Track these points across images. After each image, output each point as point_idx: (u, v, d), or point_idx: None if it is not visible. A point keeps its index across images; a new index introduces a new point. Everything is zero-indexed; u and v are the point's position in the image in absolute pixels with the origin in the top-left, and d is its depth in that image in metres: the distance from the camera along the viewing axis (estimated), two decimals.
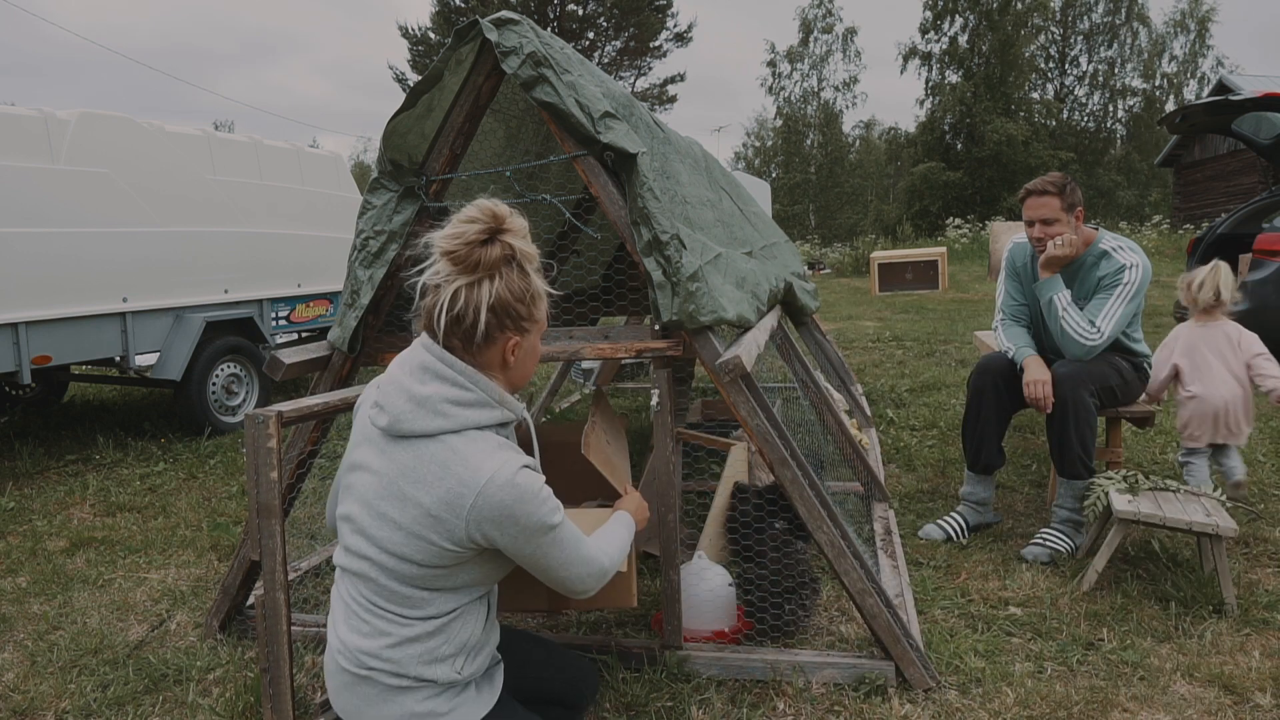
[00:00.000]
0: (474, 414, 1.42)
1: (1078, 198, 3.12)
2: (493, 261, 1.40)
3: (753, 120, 56.00)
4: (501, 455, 1.40)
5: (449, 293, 1.39)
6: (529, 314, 1.46)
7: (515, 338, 1.45)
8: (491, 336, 1.42)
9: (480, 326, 1.40)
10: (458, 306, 1.39)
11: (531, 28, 2.24)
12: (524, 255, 1.44)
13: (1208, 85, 31.87)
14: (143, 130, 5.40)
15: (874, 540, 3.16)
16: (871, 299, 13.44)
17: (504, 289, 1.40)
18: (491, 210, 1.41)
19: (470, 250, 1.39)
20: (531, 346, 1.51)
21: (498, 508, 1.37)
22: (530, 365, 1.54)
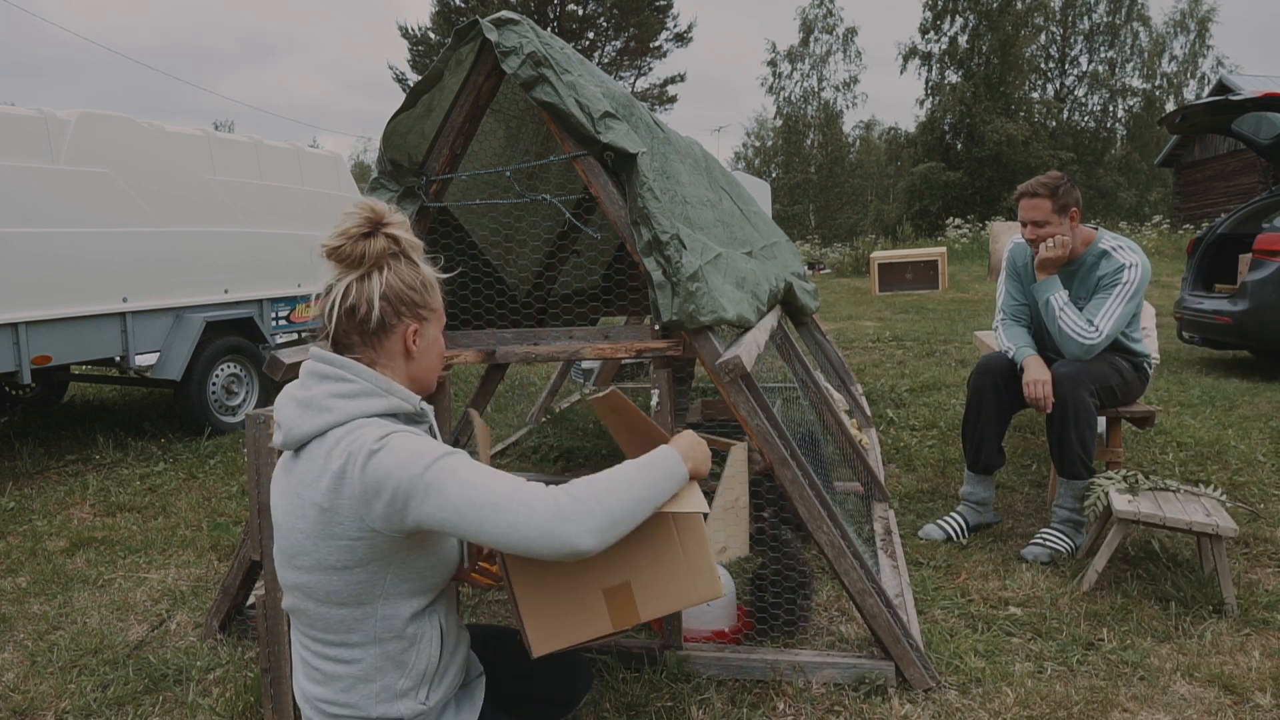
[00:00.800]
0: (359, 404, 1.37)
1: (1072, 198, 3.11)
2: (377, 253, 1.40)
3: (753, 120, 56.03)
4: (380, 425, 1.34)
5: (340, 288, 1.39)
6: (424, 301, 1.45)
7: (414, 324, 1.44)
8: (389, 325, 1.42)
9: (375, 315, 1.39)
10: (350, 299, 1.39)
11: (531, 28, 2.24)
12: (409, 245, 1.44)
13: (1208, 85, 31.88)
14: (143, 130, 5.40)
15: (874, 540, 3.16)
16: (871, 299, 13.44)
17: (394, 278, 1.41)
18: (370, 205, 1.41)
19: (354, 245, 1.39)
20: (433, 338, 1.49)
21: (376, 471, 1.28)
22: (435, 358, 1.51)
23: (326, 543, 1.32)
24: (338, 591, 1.34)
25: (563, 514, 1.26)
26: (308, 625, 1.40)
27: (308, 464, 1.35)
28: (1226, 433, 4.51)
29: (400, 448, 1.29)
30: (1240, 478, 3.81)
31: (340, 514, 1.30)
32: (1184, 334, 6.63)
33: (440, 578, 1.43)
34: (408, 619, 1.39)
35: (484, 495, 1.27)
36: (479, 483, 1.28)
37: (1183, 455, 4.20)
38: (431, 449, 1.30)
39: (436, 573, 1.42)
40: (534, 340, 2.42)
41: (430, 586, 1.42)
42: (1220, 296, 6.10)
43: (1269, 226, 6.00)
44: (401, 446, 1.29)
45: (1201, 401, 5.27)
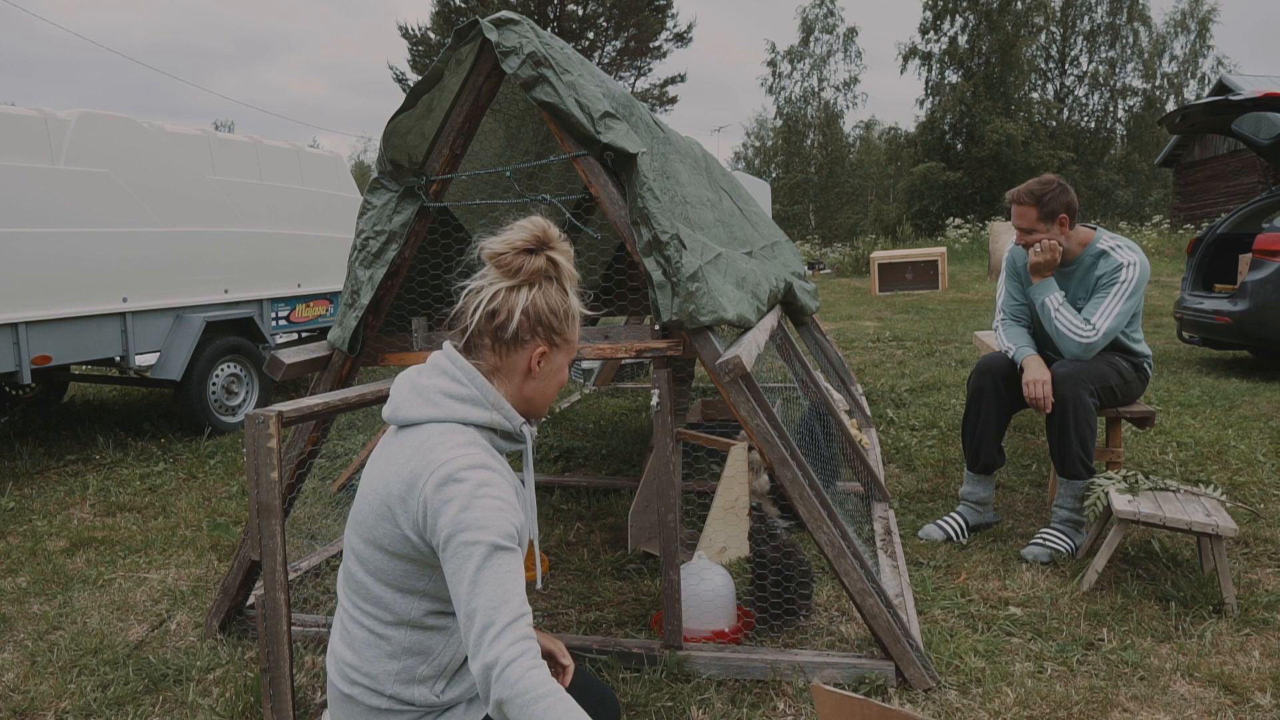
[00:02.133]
0: (463, 408, 1.43)
1: (1060, 204, 3.10)
2: (534, 270, 1.46)
3: (753, 120, 56.02)
4: (470, 450, 1.37)
5: (489, 292, 1.46)
6: (561, 329, 1.50)
7: (544, 347, 1.48)
8: (521, 339, 1.46)
9: (512, 326, 1.45)
10: (494, 304, 1.45)
11: (531, 28, 2.24)
12: (566, 274, 1.50)
13: (1208, 85, 31.88)
14: (143, 130, 5.40)
15: (874, 540, 3.16)
16: (871, 299, 13.44)
17: (541, 297, 1.46)
18: (543, 227, 1.47)
19: (515, 256, 1.45)
20: (558, 365, 1.53)
21: (441, 498, 1.31)
22: (553, 387, 1.55)
23: (384, 525, 1.38)
24: (385, 571, 1.40)
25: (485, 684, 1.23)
26: (353, 591, 1.45)
27: (399, 448, 1.41)
28: (1226, 433, 4.51)
29: (473, 500, 1.30)
30: (1240, 478, 3.81)
31: (408, 506, 1.35)
32: (1184, 334, 6.63)
33: None
34: (442, 613, 1.44)
35: (471, 604, 1.26)
36: (480, 589, 1.27)
37: (1183, 455, 4.20)
38: (491, 526, 1.29)
39: None
40: None
41: None
42: (1220, 296, 6.10)
43: (1269, 226, 6.00)
44: (476, 499, 1.31)
45: (1201, 401, 5.27)
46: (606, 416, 5.59)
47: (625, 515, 3.45)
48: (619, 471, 4.36)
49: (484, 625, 1.24)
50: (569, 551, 3.31)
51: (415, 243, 2.46)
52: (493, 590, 1.27)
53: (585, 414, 5.69)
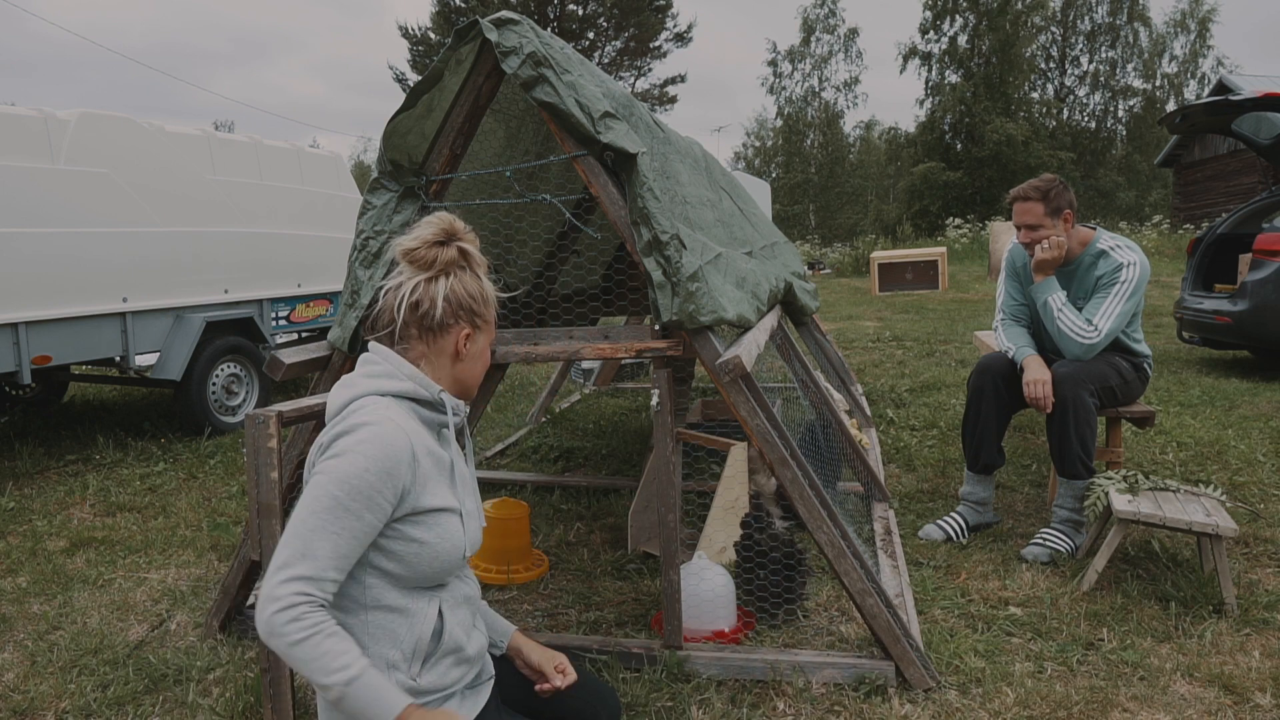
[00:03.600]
0: (378, 382, 1.50)
1: (1064, 201, 3.11)
2: (448, 261, 1.55)
3: (753, 120, 56.02)
4: (374, 410, 1.44)
5: (410, 285, 1.54)
6: (482, 311, 1.59)
7: (468, 329, 1.57)
8: (446, 325, 1.55)
9: (436, 313, 1.53)
10: (416, 295, 1.53)
11: (531, 28, 2.24)
12: (476, 260, 1.59)
13: (1208, 85, 31.87)
14: (143, 130, 5.40)
15: (874, 540, 3.16)
16: (871, 299, 13.44)
17: (458, 285, 1.55)
18: (449, 220, 1.56)
19: (428, 250, 1.53)
20: (481, 347, 1.62)
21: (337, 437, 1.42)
22: (479, 367, 1.64)
23: None
24: None
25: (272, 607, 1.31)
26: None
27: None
28: (1226, 433, 4.51)
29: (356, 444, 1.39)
30: (1240, 478, 3.81)
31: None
32: (1184, 334, 6.63)
33: (431, 569, 1.46)
34: (400, 594, 1.46)
35: (292, 527, 1.37)
36: (303, 514, 1.37)
37: (1183, 455, 4.20)
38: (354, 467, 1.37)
39: (424, 562, 1.45)
40: (534, 340, 2.42)
41: (421, 576, 1.46)
42: (1220, 296, 6.10)
43: (1269, 226, 6.00)
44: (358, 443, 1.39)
45: (1201, 401, 5.27)
46: (606, 416, 5.59)
47: (625, 515, 3.45)
48: (619, 471, 4.36)
49: (277, 564, 1.35)
50: (569, 551, 3.31)
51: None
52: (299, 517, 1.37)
53: (585, 414, 5.69)
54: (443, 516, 1.48)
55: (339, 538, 1.36)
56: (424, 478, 1.46)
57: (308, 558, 1.34)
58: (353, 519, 1.37)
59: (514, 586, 3.01)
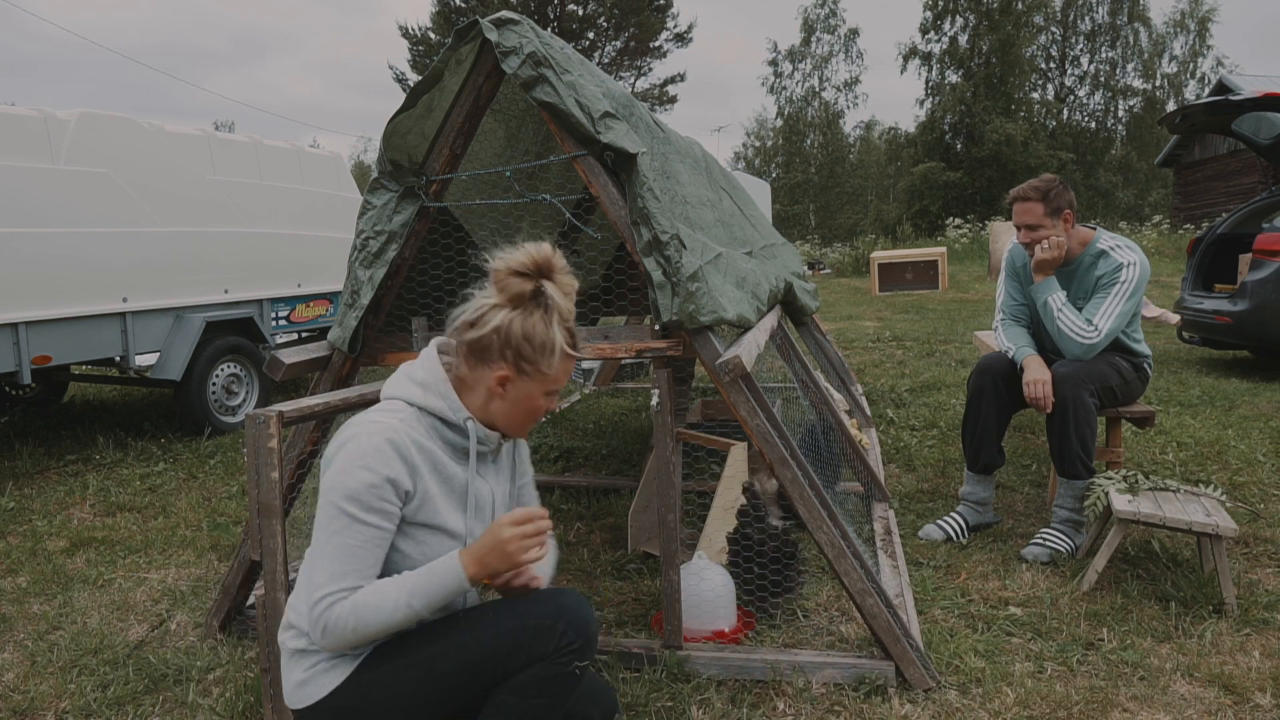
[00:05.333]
0: (411, 387, 1.51)
1: (1064, 201, 3.11)
2: (519, 294, 1.47)
3: (753, 120, 56.00)
4: (383, 417, 1.46)
5: (475, 303, 1.51)
6: (533, 359, 1.48)
7: (507, 372, 1.49)
8: (488, 357, 1.49)
9: (481, 341, 1.48)
10: (474, 315, 1.50)
11: (531, 28, 2.24)
12: (556, 307, 1.49)
13: (1208, 85, 31.86)
14: (143, 130, 5.40)
15: (874, 540, 3.16)
16: (871, 299, 13.44)
17: (520, 321, 1.47)
18: (547, 256, 1.48)
19: (506, 276, 1.47)
20: (525, 394, 1.52)
21: (337, 446, 1.44)
22: (520, 412, 1.54)
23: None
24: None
25: (318, 629, 1.40)
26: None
27: None
28: (1226, 433, 4.51)
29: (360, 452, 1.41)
30: (1240, 478, 3.81)
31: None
32: (1184, 334, 6.63)
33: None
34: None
35: (310, 549, 1.44)
36: (317, 540, 1.42)
37: (1183, 455, 4.20)
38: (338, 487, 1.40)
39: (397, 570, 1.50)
40: None
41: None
42: (1220, 296, 6.10)
43: (1269, 226, 6.00)
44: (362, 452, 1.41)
45: (1201, 401, 5.27)
46: (606, 416, 5.59)
47: (625, 515, 3.45)
48: (619, 471, 4.36)
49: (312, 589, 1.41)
50: (569, 551, 3.31)
51: (415, 243, 2.46)
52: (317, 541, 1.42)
53: (585, 414, 5.69)
54: (433, 536, 1.48)
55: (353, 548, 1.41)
56: (424, 493, 1.46)
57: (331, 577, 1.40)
58: (363, 527, 1.41)
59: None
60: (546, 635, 1.47)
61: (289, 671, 1.51)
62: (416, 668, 1.45)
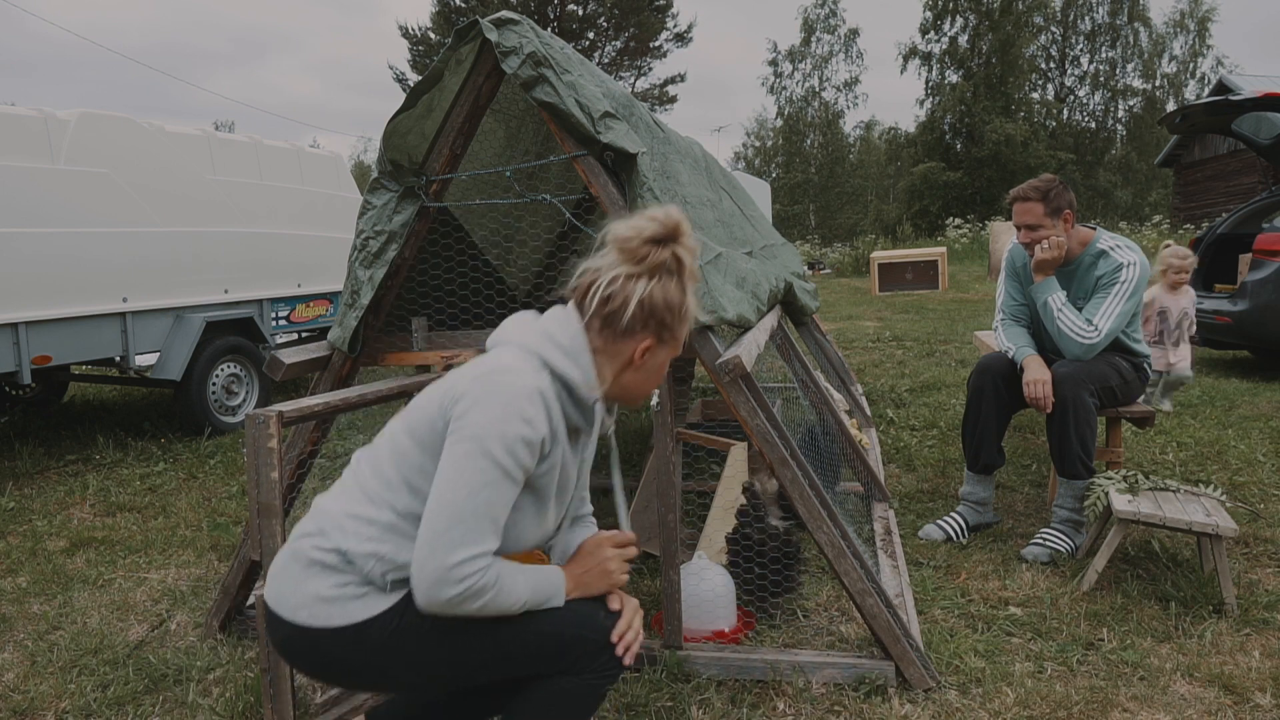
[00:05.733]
0: (552, 349, 1.43)
1: (1064, 201, 3.11)
2: (657, 263, 1.45)
3: (753, 120, 56.00)
4: (538, 378, 1.39)
5: (609, 276, 1.44)
6: (673, 325, 1.48)
7: (650, 341, 1.48)
8: (632, 330, 1.46)
9: (625, 316, 1.44)
10: (612, 289, 1.44)
11: (531, 28, 2.24)
12: (688, 272, 1.48)
13: (1208, 85, 31.87)
14: (143, 130, 5.40)
15: (874, 540, 3.16)
16: (871, 299, 13.44)
17: (659, 290, 1.44)
18: (676, 220, 1.46)
19: (641, 245, 1.44)
20: (661, 361, 1.52)
21: (491, 388, 1.35)
22: (652, 382, 1.54)
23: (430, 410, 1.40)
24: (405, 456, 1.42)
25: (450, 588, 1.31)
26: (369, 464, 1.47)
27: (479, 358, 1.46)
28: (1226, 433, 4.51)
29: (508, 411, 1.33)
30: (1240, 478, 3.81)
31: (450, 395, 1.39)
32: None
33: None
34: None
35: (447, 495, 1.32)
36: (458, 488, 1.32)
37: (1183, 455, 4.20)
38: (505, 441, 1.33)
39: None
40: None
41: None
42: (1220, 296, 6.10)
43: (1269, 226, 6.00)
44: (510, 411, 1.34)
45: (1201, 401, 5.27)
46: None
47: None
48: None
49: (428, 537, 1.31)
50: None
51: (415, 243, 2.46)
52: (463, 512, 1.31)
53: None
54: (530, 508, 1.45)
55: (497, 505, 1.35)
56: (551, 463, 1.44)
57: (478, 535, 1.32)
58: (509, 484, 1.35)
59: None
60: (593, 654, 1.46)
61: (303, 580, 1.40)
62: (461, 634, 1.40)
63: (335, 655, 1.40)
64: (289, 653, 1.43)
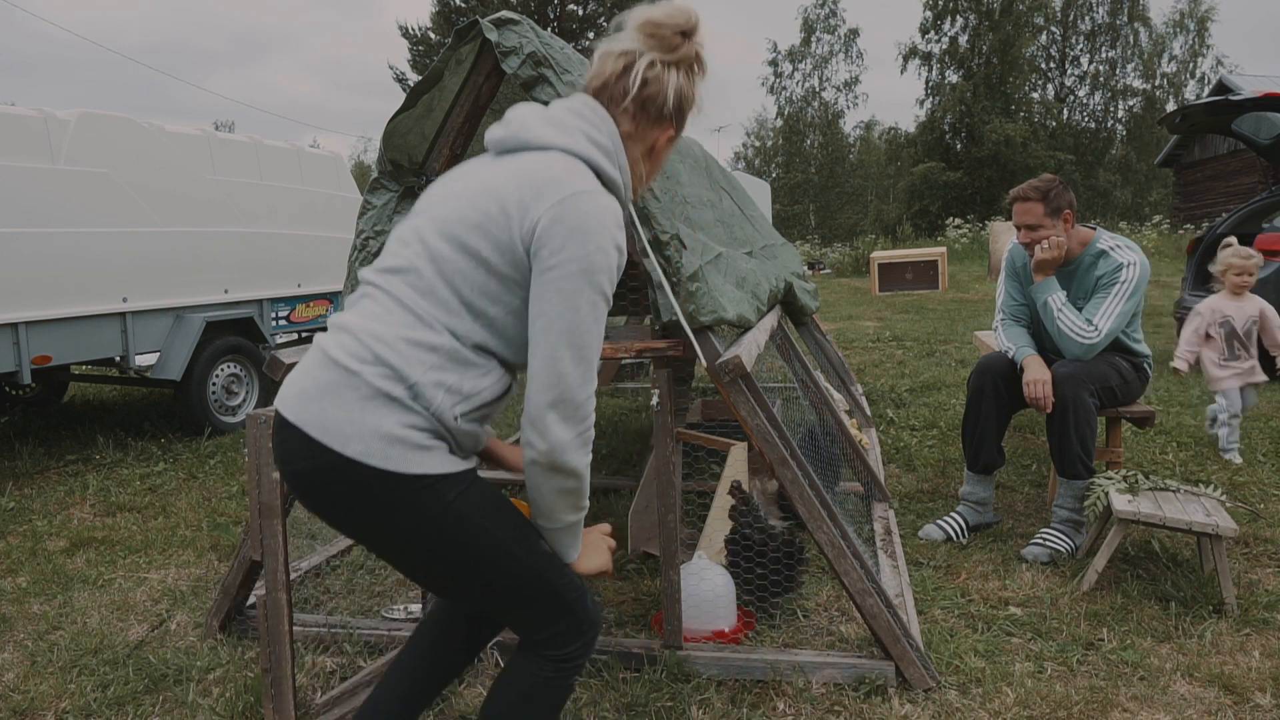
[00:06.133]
0: (598, 154, 1.39)
1: (1064, 201, 3.11)
2: (689, 55, 1.44)
3: (753, 120, 56.00)
4: (613, 203, 1.35)
5: (647, 60, 1.41)
6: (687, 119, 1.49)
7: (673, 132, 1.48)
8: (664, 117, 1.45)
9: (662, 103, 1.42)
10: (652, 74, 1.41)
11: (531, 28, 2.24)
12: (705, 67, 1.48)
13: (1208, 85, 31.87)
14: (143, 130, 5.40)
15: (874, 540, 3.16)
16: (871, 299, 13.44)
17: (689, 84, 1.45)
18: (696, 16, 1.44)
19: (674, 35, 1.42)
20: (668, 153, 1.53)
21: (581, 215, 1.28)
22: (658, 168, 1.55)
23: (489, 229, 1.32)
24: (462, 276, 1.33)
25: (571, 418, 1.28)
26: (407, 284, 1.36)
27: (521, 162, 1.37)
28: None
29: (598, 218, 1.30)
30: (1240, 478, 3.81)
31: (527, 210, 1.31)
32: None
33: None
34: (491, 354, 1.38)
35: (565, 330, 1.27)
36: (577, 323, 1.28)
37: (1183, 455, 4.20)
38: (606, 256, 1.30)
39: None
40: None
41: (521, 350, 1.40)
42: None
43: (1269, 226, 6.00)
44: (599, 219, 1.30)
45: (1201, 401, 5.27)
46: (606, 416, 5.59)
47: (625, 515, 3.45)
48: (619, 471, 4.36)
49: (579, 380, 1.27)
50: None
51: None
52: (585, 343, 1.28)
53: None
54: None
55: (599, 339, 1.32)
56: None
57: (592, 371, 1.29)
58: (603, 309, 1.32)
59: None
60: (573, 633, 1.46)
61: (362, 410, 1.29)
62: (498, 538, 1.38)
63: (378, 502, 1.30)
64: (315, 484, 1.32)
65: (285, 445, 1.36)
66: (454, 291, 1.33)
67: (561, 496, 1.34)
